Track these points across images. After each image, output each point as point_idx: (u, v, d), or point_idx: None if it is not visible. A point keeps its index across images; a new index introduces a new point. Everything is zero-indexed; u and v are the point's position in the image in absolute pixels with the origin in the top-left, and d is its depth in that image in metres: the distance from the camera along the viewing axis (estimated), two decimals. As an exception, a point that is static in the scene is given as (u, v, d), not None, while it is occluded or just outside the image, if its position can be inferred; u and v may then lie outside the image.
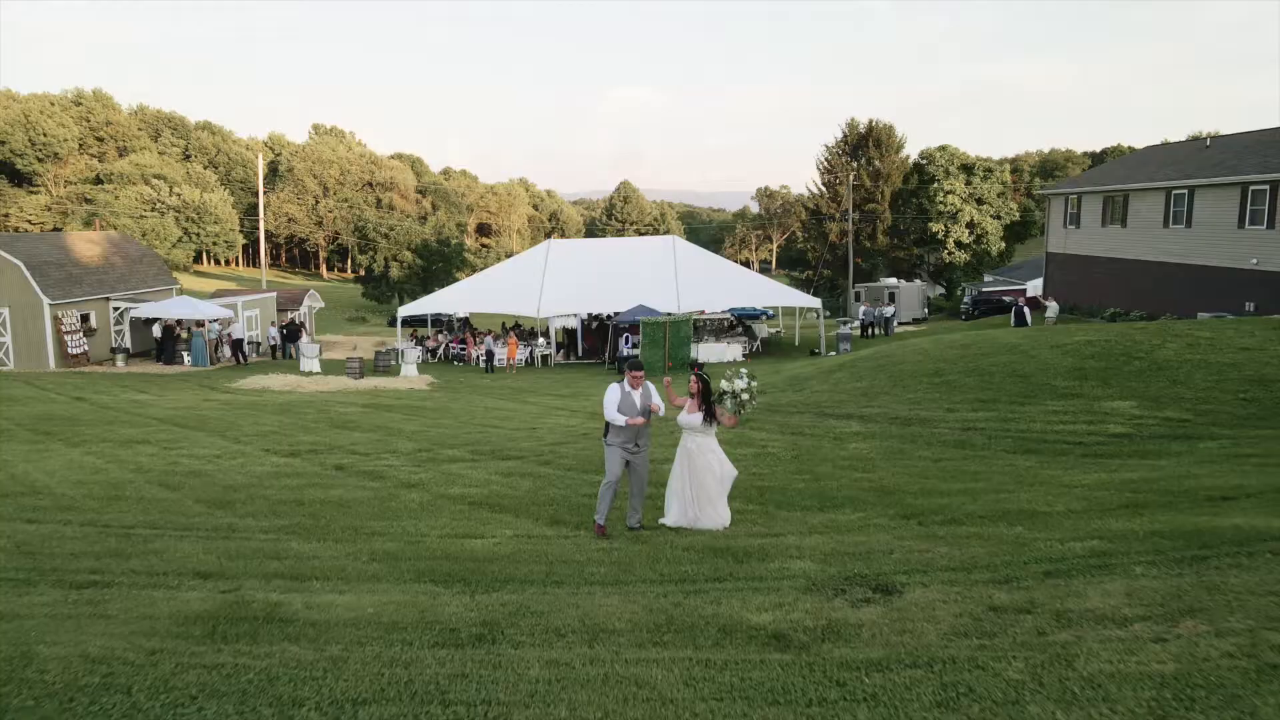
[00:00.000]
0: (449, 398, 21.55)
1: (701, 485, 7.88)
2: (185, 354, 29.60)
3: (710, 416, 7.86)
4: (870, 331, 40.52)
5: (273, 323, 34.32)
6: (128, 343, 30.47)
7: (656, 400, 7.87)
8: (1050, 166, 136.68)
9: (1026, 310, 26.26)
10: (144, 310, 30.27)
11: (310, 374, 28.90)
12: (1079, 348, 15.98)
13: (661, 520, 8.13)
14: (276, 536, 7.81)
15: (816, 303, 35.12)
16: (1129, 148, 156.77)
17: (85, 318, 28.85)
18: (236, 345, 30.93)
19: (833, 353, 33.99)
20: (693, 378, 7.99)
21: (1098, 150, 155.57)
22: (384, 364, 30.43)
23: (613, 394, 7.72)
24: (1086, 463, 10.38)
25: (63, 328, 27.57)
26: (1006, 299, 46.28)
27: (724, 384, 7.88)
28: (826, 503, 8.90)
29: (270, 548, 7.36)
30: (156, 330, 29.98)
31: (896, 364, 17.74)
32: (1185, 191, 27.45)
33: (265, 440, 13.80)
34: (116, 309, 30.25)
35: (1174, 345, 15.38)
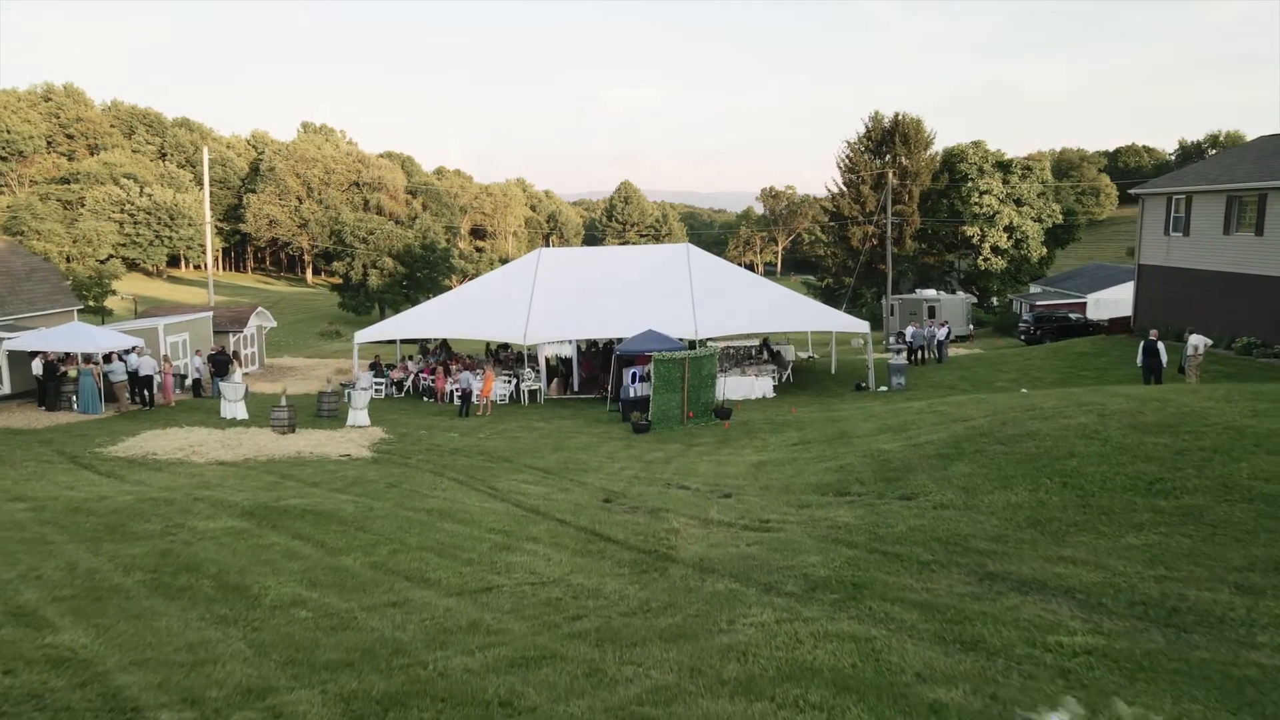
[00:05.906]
0: (387, 481, 15.32)
1: None
2: (74, 397, 23.35)
3: None
4: (920, 355, 34.29)
5: (198, 351, 27.98)
6: (4, 382, 24.18)
7: None
8: (1065, 166, 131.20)
9: (1161, 346, 20.04)
10: (24, 341, 23.97)
11: (232, 422, 22.73)
12: (1388, 446, 9.72)
13: None
14: None
15: (864, 326, 28.85)
16: (1144, 146, 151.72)
17: (-60, 353, 22.61)
18: (144, 383, 24.65)
19: (883, 388, 27.80)
20: None
21: (1111, 149, 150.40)
22: (328, 408, 24.21)
23: None
24: None
25: (-96, 367, 21.34)
26: (1073, 316, 40.09)
27: None
28: None
29: None
30: (36, 367, 23.63)
31: (1059, 458, 11.47)
32: (1360, 190, 21.26)
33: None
34: (-13, 340, 23.99)
35: None
